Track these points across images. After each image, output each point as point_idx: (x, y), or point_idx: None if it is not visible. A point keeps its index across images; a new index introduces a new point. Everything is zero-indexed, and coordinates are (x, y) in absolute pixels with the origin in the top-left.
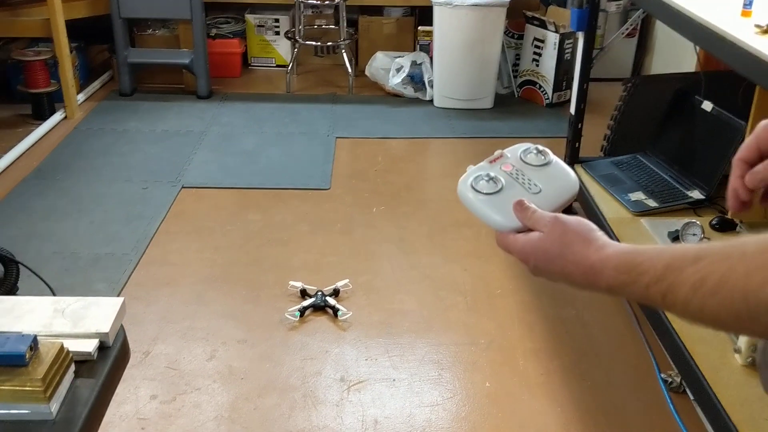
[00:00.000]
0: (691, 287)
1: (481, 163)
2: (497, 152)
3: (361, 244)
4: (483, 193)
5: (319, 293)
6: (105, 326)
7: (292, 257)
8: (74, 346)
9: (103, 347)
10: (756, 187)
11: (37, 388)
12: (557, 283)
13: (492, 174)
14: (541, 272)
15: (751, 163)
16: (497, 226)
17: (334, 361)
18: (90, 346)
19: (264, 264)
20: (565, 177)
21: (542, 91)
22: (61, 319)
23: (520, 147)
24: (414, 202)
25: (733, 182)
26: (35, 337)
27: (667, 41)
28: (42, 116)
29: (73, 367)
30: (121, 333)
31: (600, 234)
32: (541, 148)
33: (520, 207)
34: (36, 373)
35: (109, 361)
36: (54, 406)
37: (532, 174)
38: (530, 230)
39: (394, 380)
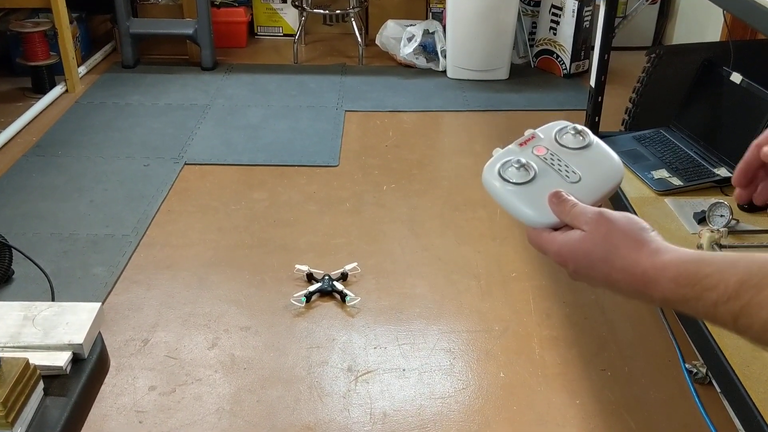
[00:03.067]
0: None
1: (510, 146)
2: (528, 132)
3: (370, 225)
4: (513, 183)
5: (326, 277)
6: (79, 337)
7: (298, 239)
8: (44, 359)
9: (77, 359)
10: None
11: None
12: (599, 288)
13: (523, 160)
14: (581, 277)
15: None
16: (530, 222)
17: (341, 349)
18: (62, 359)
19: (269, 246)
20: (609, 162)
21: (560, 61)
22: (31, 328)
23: (554, 126)
24: (426, 179)
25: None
26: None
27: (691, 7)
28: (42, 90)
29: (41, 385)
30: (98, 343)
31: (653, 234)
32: (579, 127)
33: (557, 199)
34: None
35: (83, 376)
36: (18, 431)
37: (569, 159)
38: (568, 227)
39: (403, 370)
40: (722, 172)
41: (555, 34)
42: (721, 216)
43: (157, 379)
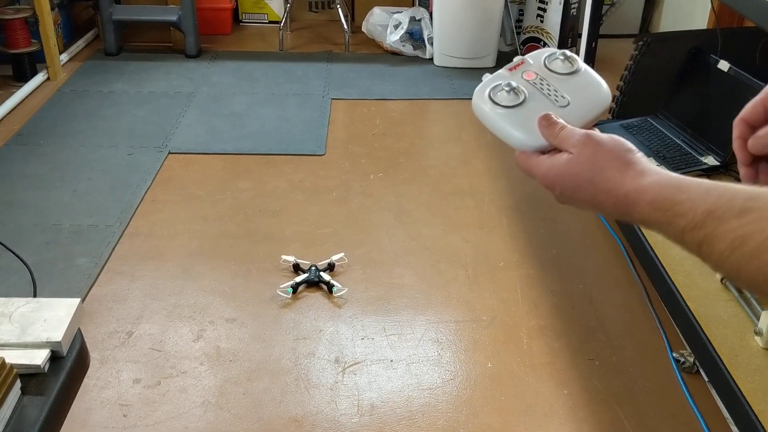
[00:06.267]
0: (729, 244)
1: (500, 71)
2: (517, 58)
3: (357, 214)
4: (502, 106)
5: (313, 268)
6: (57, 334)
7: (284, 229)
8: (21, 358)
9: (56, 357)
10: (759, 153)
11: None
12: (586, 210)
13: (513, 83)
14: (567, 200)
15: (754, 126)
16: (518, 144)
17: (328, 341)
18: (39, 357)
19: (255, 236)
20: (597, 87)
21: None
22: (8, 325)
23: (544, 52)
24: (413, 168)
25: (734, 144)
26: None
27: None
28: (23, 78)
29: (18, 384)
30: (77, 340)
31: (638, 156)
32: (568, 53)
33: (546, 122)
34: None
35: (62, 374)
36: None
37: (558, 84)
38: (556, 150)
39: (391, 361)
40: (710, 160)
41: (542, 21)
42: None
43: (141, 371)
